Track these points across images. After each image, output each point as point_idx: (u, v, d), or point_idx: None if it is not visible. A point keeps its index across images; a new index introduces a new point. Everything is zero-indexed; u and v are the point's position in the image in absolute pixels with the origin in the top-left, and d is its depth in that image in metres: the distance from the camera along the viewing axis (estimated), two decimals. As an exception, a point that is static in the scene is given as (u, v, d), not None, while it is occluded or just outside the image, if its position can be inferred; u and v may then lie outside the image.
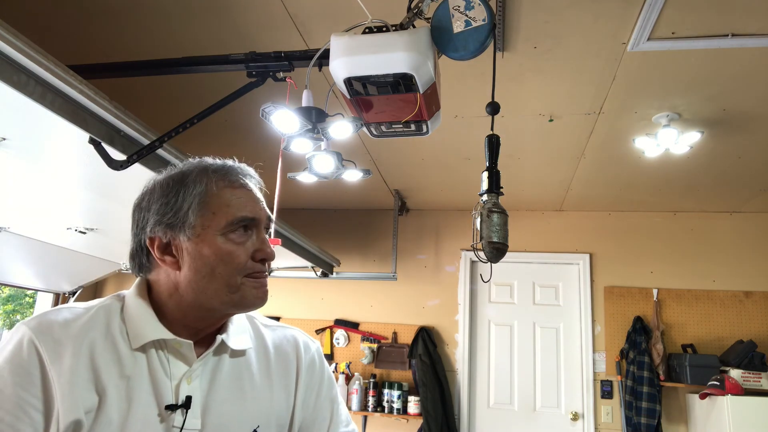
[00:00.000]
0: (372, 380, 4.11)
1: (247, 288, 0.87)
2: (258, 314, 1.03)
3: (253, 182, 0.94)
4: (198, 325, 0.90)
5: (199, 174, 0.89)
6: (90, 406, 0.79)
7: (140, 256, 0.91)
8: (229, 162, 0.93)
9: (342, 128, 1.51)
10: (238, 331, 0.94)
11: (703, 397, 3.49)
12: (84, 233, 2.79)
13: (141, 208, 0.91)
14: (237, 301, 0.87)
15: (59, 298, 4.18)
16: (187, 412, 0.83)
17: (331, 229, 4.67)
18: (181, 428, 0.82)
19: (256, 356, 0.95)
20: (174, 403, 0.83)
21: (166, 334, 0.86)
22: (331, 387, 1.04)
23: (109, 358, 0.83)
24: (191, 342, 0.87)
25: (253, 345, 0.96)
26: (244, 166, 0.95)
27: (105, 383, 0.80)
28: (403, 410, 4.00)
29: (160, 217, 0.88)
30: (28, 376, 0.78)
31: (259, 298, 0.89)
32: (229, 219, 0.87)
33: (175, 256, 0.87)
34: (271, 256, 0.90)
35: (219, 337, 0.89)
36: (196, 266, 0.86)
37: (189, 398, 0.83)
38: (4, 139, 1.60)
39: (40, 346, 0.80)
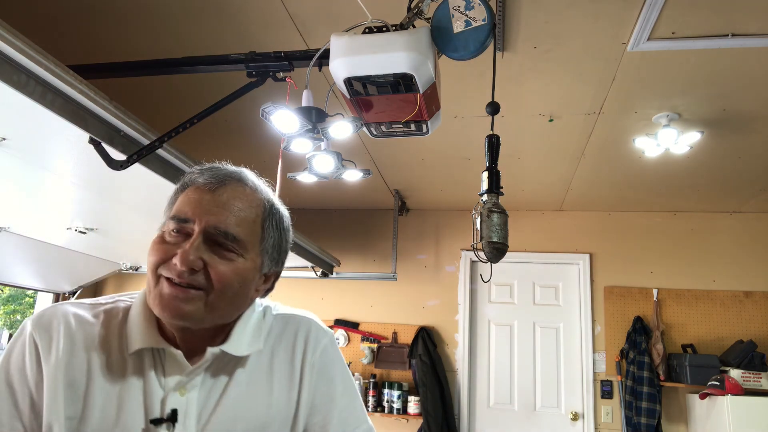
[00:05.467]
0: (372, 380, 4.11)
1: (157, 292, 0.79)
2: (273, 302, 0.97)
3: (230, 189, 0.84)
4: (176, 333, 0.83)
5: (185, 174, 0.87)
6: (72, 413, 0.77)
7: None
8: (219, 165, 0.87)
9: (342, 128, 1.51)
10: (247, 334, 0.87)
11: (703, 397, 3.49)
12: (84, 233, 2.79)
13: None
14: (151, 302, 0.80)
15: (59, 298, 4.18)
16: (175, 426, 0.77)
17: (331, 229, 4.67)
18: None
19: (259, 356, 0.88)
20: (160, 416, 0.78)
21: (157, 342, 0.81)
22: (341, 384, 0.94)
23: (102, 360, 0.81)
24: (181, 352, 0.81)
25: (262, 345, 0.89)
26: (235, 171, 0.87)
27: (93, 388, 0.79)
28: (403, 410, 3.99)
29: None
30: (25, 373, 0.78)
31: (158, 306, 0.78)
32: (168, 216, 0.83)
33: None
34: (181, 263, 0.76)
35: (210, 350, 0.82)
36: None
37: (174, 411, 0.78)
38: (4, 139, 1.60)
39: (38, 341, 0.80)
